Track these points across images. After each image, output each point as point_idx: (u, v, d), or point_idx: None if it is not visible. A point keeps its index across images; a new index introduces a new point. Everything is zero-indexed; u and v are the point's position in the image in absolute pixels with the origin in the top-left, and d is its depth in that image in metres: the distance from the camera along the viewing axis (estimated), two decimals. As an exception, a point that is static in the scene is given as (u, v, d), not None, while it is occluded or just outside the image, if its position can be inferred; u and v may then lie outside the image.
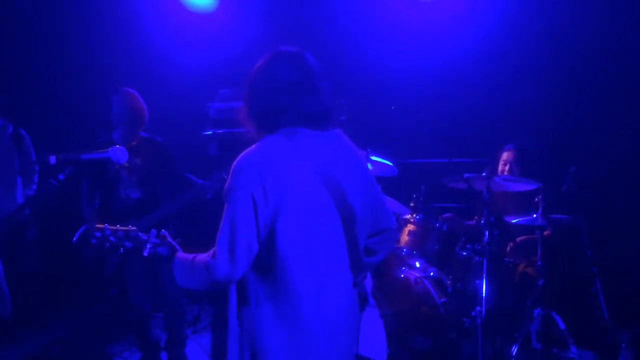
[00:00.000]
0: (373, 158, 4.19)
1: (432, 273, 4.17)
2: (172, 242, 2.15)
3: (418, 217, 4.35)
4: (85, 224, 3.87)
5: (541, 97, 5.24)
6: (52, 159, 2.55)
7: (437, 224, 4.31)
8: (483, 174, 4.04)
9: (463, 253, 4.16)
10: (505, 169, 4.57)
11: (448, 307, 3.95)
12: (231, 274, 1.92)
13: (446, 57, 5.41)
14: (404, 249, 4.29)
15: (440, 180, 4.41)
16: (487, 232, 3.94)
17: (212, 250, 1.96)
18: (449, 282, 4.09)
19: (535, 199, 4.02)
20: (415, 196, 4.44)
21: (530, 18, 5.22)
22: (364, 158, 3.99)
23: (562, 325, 3.78)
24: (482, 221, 3.99)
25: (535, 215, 4.00)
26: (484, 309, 3.74)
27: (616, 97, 4.96)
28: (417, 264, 4.25)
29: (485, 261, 3.85)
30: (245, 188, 1.92)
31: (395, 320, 3.84)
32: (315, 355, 1.99)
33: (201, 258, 2.00)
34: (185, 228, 4.08)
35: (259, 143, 2.03)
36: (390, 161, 4.30)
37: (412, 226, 4.34)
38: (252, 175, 1.93)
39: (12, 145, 4.71)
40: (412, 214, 4.38)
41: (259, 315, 1.98)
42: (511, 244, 4.50)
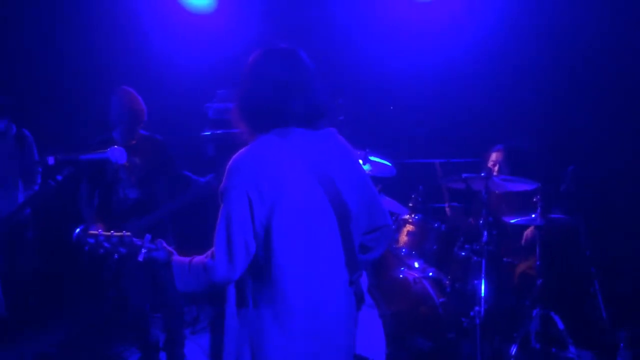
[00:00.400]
0: (372, 158, 4.19)
1: (431, 273, 4.18)
2: (168, 247, 2.14)
3: (417, 217, 4.34)
4: (83, 224, 3.87)
5: (541, 97, 5.24)
6: (51, 160, 2.55)
7: (436, 224, 4.31)
8: (482, 174, 4.04)
9: (462, 253, 4.16)
10: (494, 169, 4.54)
11: (447, 307, 3.95)
12: (230, 274, 1.92)
13: (445, 57, 5.41)
14: (403, 249, 4.29)
15: (438, 180, 4.41)
16: (486, 232, 3.94)
17: (210, 251, 1.96)
18: (448, 282, 4.09)
19: (533, 199, 4.02)
20: (413, 196, 4.43)
21: (530, 18, 5.22)
22: (358, 156, 3.99)
23: (561, 325, 3.78)
24: (481, 221, 3.99)
25: (533, 215, 4.00)
26: (483, 309, 3.73)
27: (616, 97, 4.95)
28: (416, 264, 4.26)
29: (483, 261, 3.84)
30: (240, 188, 1.92)
31: (394, 320, 3.84)
32: (313, 355, 1.98)
33: (198, 260, 1.99)
34: (185, 228, 4.09)
35: (253, 143, 2.02)
36: (388, 161, 4.30)
37: (411, 226, 4.34)
38: (247, 174, 1.93)
39: (16, 145, 4.72)
40: (411, 214, 4.38)
41: (256, 315, 1.98)
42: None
